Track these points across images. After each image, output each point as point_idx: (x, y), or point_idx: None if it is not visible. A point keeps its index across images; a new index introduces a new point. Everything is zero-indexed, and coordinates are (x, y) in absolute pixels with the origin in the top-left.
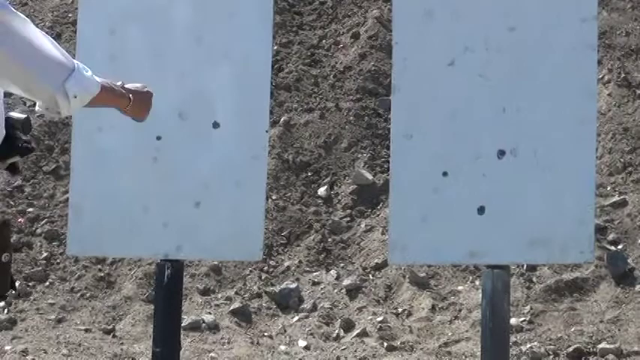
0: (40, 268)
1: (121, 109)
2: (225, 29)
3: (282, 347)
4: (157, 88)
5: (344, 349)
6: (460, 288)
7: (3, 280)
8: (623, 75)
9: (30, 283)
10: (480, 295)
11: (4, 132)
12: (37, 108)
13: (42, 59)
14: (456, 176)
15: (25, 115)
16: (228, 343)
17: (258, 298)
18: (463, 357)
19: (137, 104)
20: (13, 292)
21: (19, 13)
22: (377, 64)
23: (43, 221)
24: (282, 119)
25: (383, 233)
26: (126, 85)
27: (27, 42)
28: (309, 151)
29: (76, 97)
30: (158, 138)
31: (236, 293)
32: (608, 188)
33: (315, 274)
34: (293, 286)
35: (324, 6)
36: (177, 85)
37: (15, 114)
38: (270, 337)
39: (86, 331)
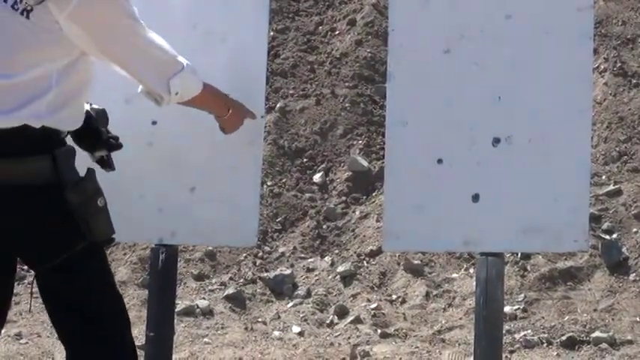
0: None
1: (216, 117)
2: (221, 15)
3: (276, 333)
4: None
5: (338, 335)
6: (454, 275)
7: (104, 224)
8: (619, 64)
9: (24, 267)
10: (474, 283)
11: (82, 121)
12: (139, 89)
13: (155, 56)
14: (450, 164)
15: (102, 108)
16: (222, 328)
17: (252, 283)
18: (457, 344)
19: (233, 118)
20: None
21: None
22: (373, 51)
23: None
24: (277, 105)
25: (378, 220)
26: (230, 96)
27: (145, 39)
28: (304, 138)
29: (177, 94)
30: (154, 123)
31: (230, 279)
32: (603, 177)
33: (309, 260)
34: (287, 272)
35: None
36: None
37: (94, 105)
38: (264, 322)
39: None
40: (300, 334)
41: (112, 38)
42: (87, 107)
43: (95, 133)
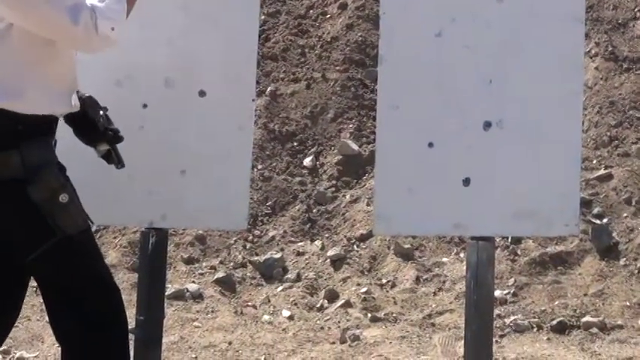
0: None
1: None
2: None
3: (266, 317)
4: (144, 55)
5: (328, 319)
6: (445, 260)
7: (71, 218)
8: (610, 49)
9: None
10: (465, 267)
11: (79, 105)
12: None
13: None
14: (441, 147)
15: (88, 95)
16: (212, 312)
17: (242, 267)
18: (447, 329)
19: None
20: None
21: None
22: (364, 35)
23: None
24: (268, 89)
25: (368, 204)
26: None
27: None
28: (295, 122)
29: (113, 29)
30: (144, 106)
31: (220, 263)
32: (594, 162)
33: (299, 244)
34: (277, 256)
35: None
36: (163, 53)
37: (79, 93)
38: (254, 306)
39: None
40: (290, 318)
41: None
42: (74, 96)
43: (91, 124)
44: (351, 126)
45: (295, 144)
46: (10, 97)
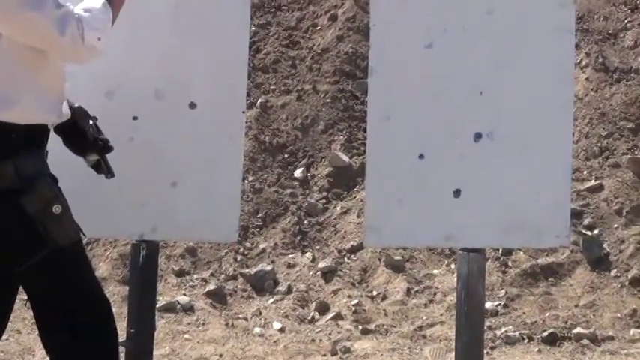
0: None
1: None
2: (202, 10)
3: (257, 329)
4: (133, 67)
5: (319, 331)
6: (435, 271)
7: (64, 230)
8: (600, 59)
9: None
10: (455, 279)
11: (69, 114)
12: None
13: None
14: (432, 159)
15: (78, 105)
16: (203, 324)
17: (233, 279)
18: (438, 340)
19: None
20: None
21: None
22: (354, 47)
23: None
24: (259, 101)
25: (359, 216)
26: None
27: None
28: (285, 133)
29: (100, 40)
30: (134, 118)
31: (211, 275)
32: (585, 173)
33: (290, 256)
34: (268, 268)
35: None
36: (153, 64)
37: (72, 103)
38: (245, 318)
39: None
40: (281, 330)
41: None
42: (65, 106)
43: (81, 133)
44: (341, 137)
45: (286, 156)
46: (2, 107)
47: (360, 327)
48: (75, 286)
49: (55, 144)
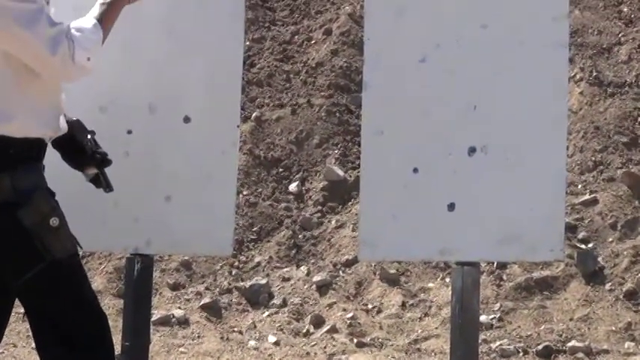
0: None
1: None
2: (196, 23)
3: (252, 343)
4: (128, 81)
5: (314, 345)
6: (430, 285)
7: (61, 243)
8: (594, 74)
9: None
10: (450, 293)
11: (67, 127)
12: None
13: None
14: (426, 173)
15: (76, 118)
16: (198, 337)
17: (228, 293)
18: (433, 354)
19: None
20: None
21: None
22: (349, 61)
23: None
24: (253, 115)
25: (353, 230)
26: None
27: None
28: (280, 147)
29: (89, 59)
30: (129, 132)
31: (206, 288)
32: (579, 187)
33: (285, 270)
34: (263, 281)
35: (296, 2)
36: (147, 78)
37: (67, 117)
38: (240, 332)
39: None
40: (276, 343)
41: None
42: (62, 119)
43: (79, 147)
44: (336, 151)
45: (281, 170)
46: (1, 121)
47: (355, 340)
48: (71, 298)
49: (51, 158)
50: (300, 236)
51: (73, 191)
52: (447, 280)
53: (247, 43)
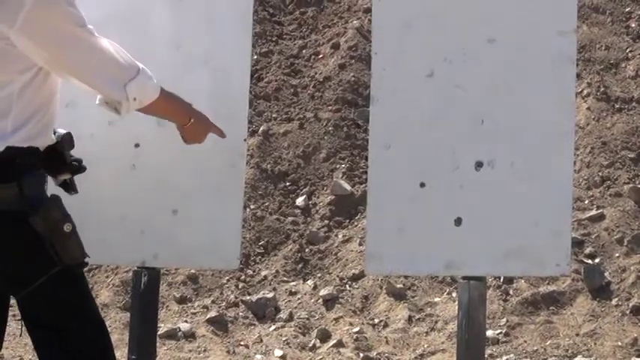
0: None
1: (179, 126)
2: (204, 37)
3: (258, 357)
4: None
5: (320, 359)
6: (437, 299)
7: (73, 249)
8: (602, 89)
9: None
10: (457, 307)
11: (53, 139)
12: (97, 101)
13: (108, 63)
14: (433, 187)
15: (67, 131)
16: (205, 351)
17: (234, 307)
18: None
19: (195, 127)
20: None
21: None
22: (356, 75)
23: None
24: (261, 129)
25: (360, 244)
26: (193, 106)
27: (96, 45)
28: (287, 161)
29: (135, 100)
30: (136, 145)
31: (213, 302)
32: (586, 202)
33: (292, 284)
34: (270, 295)
35: (304, 16)
36: None
37: (59, 129)
38: (247, 346)
39: None
40: (283, 357)
41: (62, 48)
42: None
43: (60, 156)
44: (343, 166)
45: (288, 184)
46: (10, 132)
47: (362, 355)
48: (76, 308)
49: None
50: (306, 250)
51: (80, 204)
52: (454, 294)
53: (255, 56)
